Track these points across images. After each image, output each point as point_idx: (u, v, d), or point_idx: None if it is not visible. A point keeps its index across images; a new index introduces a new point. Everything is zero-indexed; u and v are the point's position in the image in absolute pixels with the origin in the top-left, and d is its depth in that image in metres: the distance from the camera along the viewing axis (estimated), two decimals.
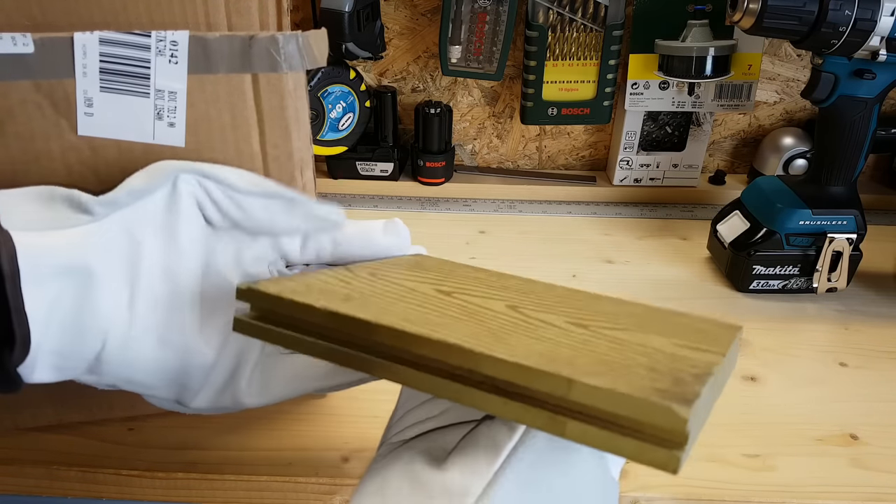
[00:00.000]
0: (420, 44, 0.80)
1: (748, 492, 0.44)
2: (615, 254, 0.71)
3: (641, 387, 0.22)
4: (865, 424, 0.49)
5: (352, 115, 0.76)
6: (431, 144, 0.80)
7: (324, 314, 0.28)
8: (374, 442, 0.47)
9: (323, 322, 0.28)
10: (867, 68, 0.56)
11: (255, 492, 0.44)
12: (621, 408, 0.22)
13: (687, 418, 0.21)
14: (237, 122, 0.38)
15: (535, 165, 0.88)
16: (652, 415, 0.21)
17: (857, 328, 0.60)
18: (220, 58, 0.36)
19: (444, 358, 0.25)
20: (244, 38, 0.36)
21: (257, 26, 0.39)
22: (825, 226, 0.61)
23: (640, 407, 0.22)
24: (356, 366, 0.28)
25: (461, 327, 0.27)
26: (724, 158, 0.87)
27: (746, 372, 0.54)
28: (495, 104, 0.84)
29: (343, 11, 0.67)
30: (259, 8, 0.38)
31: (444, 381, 0.25)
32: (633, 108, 0.79)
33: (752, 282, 0.64)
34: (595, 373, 0.23)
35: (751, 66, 0.76)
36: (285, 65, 0.37)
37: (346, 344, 0.28)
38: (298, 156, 0.40)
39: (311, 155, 0.41)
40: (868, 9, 0.53)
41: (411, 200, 0.81)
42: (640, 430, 0.22)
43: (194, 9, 0.38)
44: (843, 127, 0.59)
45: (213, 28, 0.38)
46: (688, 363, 0.26)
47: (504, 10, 0.73)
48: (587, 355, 0.25)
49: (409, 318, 0.27)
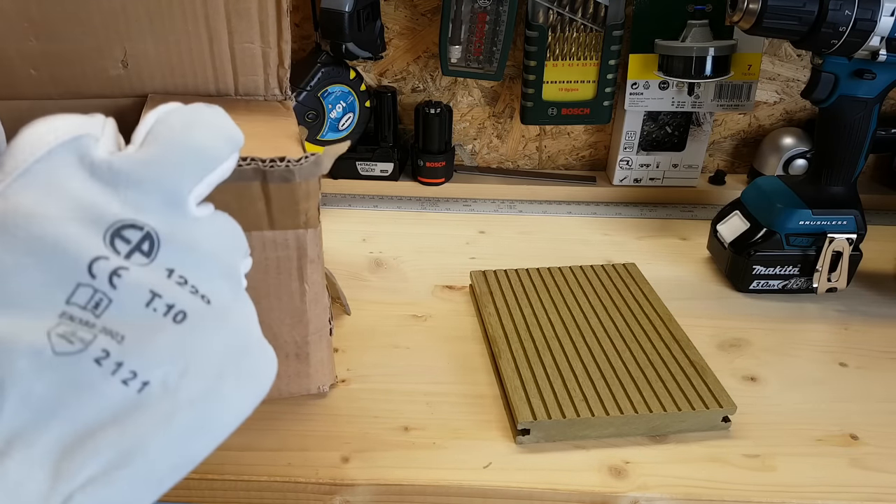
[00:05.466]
0: (420, 44, 0.80)
1: (748, 492, 0.44)
2: (615, 254, 0.71)
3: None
4: (865, 424, 0.49)
5: (352, 115, 0.76)
6: (431, 144, 0.80)
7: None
8: (375, 442, 0.47)
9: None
10: (867, 68, 0.56)
11: (255, 492, 0.44)
12: None
13: None
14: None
15: (535, 165, 0.88)
16: None
17: (857, 328, 0.60)
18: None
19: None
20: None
21: (257, 28, 0.39)
22: (825, 226, 0.61)
23: None
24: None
25: None
26: (724, 158, 0.87)
27: (746, 372, 0.54)
28: (495, 104, 0.84)
29: (343, 11, 0.67)
30: (259, 9, 0.38)
31: None
32: (632, 108, 0.79)
33: (752, 282, 0.64)
34: None
35: (751, 66, 0.76)
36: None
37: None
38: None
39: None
40: (868, 9, 0.53)
41: (411, 200, 0.81)
42: None
43: (194, 10, 0.38)
44: (843, 127, 0.59)
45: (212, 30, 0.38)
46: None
47: (504, 10, 0.73)
48: None
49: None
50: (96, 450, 0.22)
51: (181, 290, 0.25)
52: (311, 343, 0.47)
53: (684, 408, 0.47)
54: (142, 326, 0.24)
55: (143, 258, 0.24)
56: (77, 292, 0.23)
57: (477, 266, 0.66)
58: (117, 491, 0.23)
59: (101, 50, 0.39)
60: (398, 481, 0.44)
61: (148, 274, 0.24)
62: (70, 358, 0.22)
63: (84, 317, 0.23)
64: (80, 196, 0.24)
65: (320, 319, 0.47)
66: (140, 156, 0.25)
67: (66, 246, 0.23)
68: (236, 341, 0.26)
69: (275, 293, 0.44)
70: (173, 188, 0.25)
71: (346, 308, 0.60)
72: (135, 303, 0.24)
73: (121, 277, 0.23)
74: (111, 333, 0.23)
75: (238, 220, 0.29)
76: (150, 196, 0.25)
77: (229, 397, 0.26)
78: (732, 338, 0.59)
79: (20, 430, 0.21)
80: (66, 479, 0.22)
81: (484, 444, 0.47)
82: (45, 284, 0.23)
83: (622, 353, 0.53)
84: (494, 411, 0.50)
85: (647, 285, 0.62)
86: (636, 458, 0.46)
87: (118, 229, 0.24)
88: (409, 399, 0.50)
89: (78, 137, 0.25)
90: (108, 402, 0.23)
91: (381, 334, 0.58)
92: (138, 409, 0.23)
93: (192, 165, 0.26)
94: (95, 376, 0.23)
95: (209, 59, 0.40)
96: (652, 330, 0.55)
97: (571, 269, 0.64)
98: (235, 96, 0.41)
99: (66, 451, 0.22)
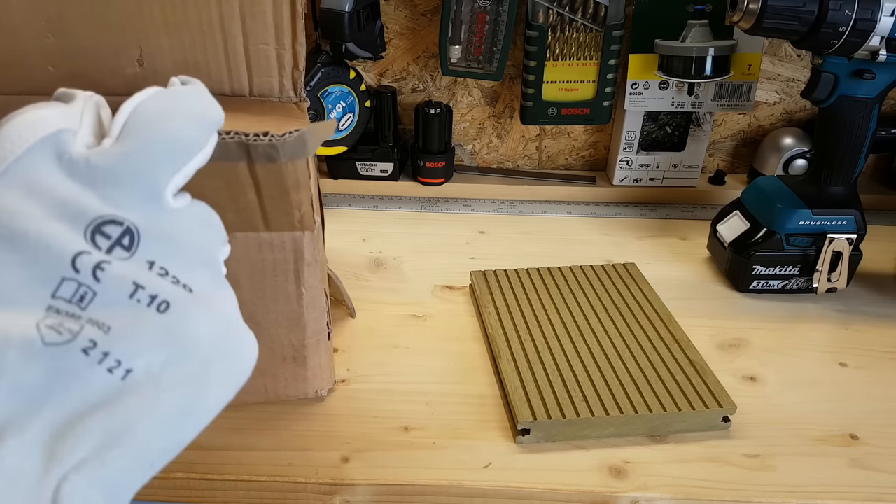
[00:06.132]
0: (420, 44, 0.80)
1: (748, 492, 0.44)
2: (615, 254, 0.71)
3: None
4: (865, 424, 0.49)
5: (352, 115, 0.76)
6: (431, 144, 0.80)
7: None
8: (374, 442, 0.47)
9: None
10: (867, 68, 0.56)
11: (255, 492, 0.44)
12: None
13: None
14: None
15: (535, 165, 0.88)
16: None
17: (857, 328, 0.60)
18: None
19: None
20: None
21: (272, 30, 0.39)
22: (825, 226, 0.61)
23: None
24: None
25: None
26: (724, 158, 0.87)
27: (746, 372, 0.54)
28: (495, 104, 0.84)
29: (343, 11, 0.67)
30: (273, 12, 0.38)
31: None
32: (632, 108, 0.79)
33: (752, 282, 0.64)
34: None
35: (751, 66, 0.76)
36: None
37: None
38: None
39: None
40: (868, 9, 0.53)
41: (411, 200, 0.81)
42: None
43: (209, 12, 0.38)
44: (843, 127, 0.59)
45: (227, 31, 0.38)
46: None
47: (504, 10, 0.73)
48: None
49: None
50: (86, 432, 0.23)
51: (163, 281, 0.25)
52: (308, 347, 0.47)
53: (684, 408, 0.47)
54: (126, 317, 0.24)
55: (124, 252, 0.25)
56: (62, 286, 0.24)
57: (477, 266, 0.66)
58: (110, 471, 0.23)
59: (117, 48, 0.39)
60: (398, 481, 0.44)
61: (129, 267, 0.25)
62: (59, 348, 0.23)
63: (70, 310, 0.23)
64: (60, 194, 0.24)
65: (318, 323, 0.47)
66: (116, 151, 0.26)
67: (49, 242, 0.24)
68: (218, 327, 0.27)
69: (271, 296, 0.44)
70: (150, 182, 0.26)
71: (352, 311, 0.60)
72: (119, 295, 0.24)
73: (104, 271, 0.24)
74: (97, 324, 0.24)
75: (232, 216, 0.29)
76: (128, 191, 0.25)
77: (212, 381, 0.26)
78: (732, 338, 0.59)
79: (12, 418, 0.22)
80: (59, 462, 0.22)
81: (484, 444, 0.47)
82: (30, 280, 0.23)
83: (622, 353, 0.53)
84: (494, 411, 0.50)
85: (647, 285, 0.62)
86: (636, 458, 0.46)
87: (98, 225, 0.25)
88: (409, 399, 0.50)
89: (56, 133, 0.25)
90: (95, 390, 0.23)
91: (381, 334, 0.58)
92: (123, 395, 0.24)
93: (168, 158, 0.27)
94: (83, 365, 0.23)
95: (224, 60, 0.40)
96: (652, 330, 0.55)
97: (571, 269, 0.64)
98: (250, 97, 0.41)
99: (58, 435, 0.23)
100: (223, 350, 0.27)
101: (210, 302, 0.27)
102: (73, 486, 0.22)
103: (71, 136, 0.25)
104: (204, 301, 0.26)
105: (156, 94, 0.27)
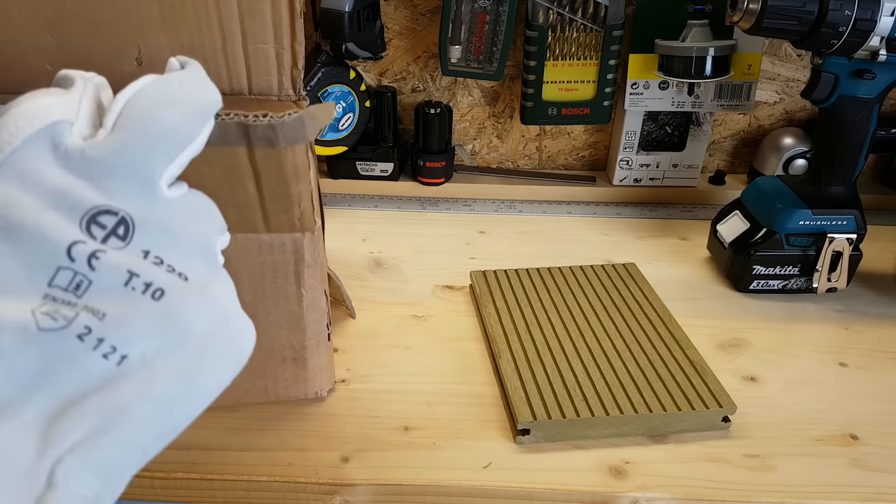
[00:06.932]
0: (420, 44, 0.80)
1: (748, 492, 0.44)
2: (615, 254, 0.71)
3: None
4: (865, 424, 0.49)
5: (352, 115, 0.76)
6: (431, 144, 0.80)
7: None
8: (374, 442, 0.47)
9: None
10: (867, 68, 0.56)
11: (255, 492, 0.44)
12: None
13: None
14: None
15: (535, 165, 0.88)
16: None
17: (857, 328, 0.60)
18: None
19: None
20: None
21: (270, 29, 0.39)
22: (825, 226, 0.61)
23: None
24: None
25: None
26: (724, 158, 0.87)
27: (746, 372, 0.54)
28: (495, 104, 0.84)
29: (343, 11, 0.67)
30: (272, 11, 0.38)
31: None
32: (632, 108, 0.79)
33: (752, 282, 0.64)
34: None
35: (751, 66, 0.76)
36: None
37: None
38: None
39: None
40: (868, 9, 0.53)
41: (411, 200, 0.81)
42: None
43: (206, 10, 0.38)
44: (843, 127, 0.59)
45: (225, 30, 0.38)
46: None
47: (504, 10, 0.73)
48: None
49: None
50: (81, 416, 0.23)
51: (158, 269, 0.26)
52: (308, 348, 0.47)
53: (684, 408, 0.47)
54: (121, 304, 0.24)
55: (119, 242, 0.25)
56: (58, 275, 0.24)
57: (477, 266, 0.66)
58: (105, 454, 0.23)
59: (115, 47, 0.39)
60: (398, 481, 0.44)
61: (124, 256, 0.25)
62: (54, 334, 0.23)
63: (66, 297, 0.24)
64: (56, 185, 0.25)
65: (318, 324, 0.47)
66: (110, 143, 0.26)
67: (45, 232, 0.24)
68: (214, 315, 0.27)
69: (271, 297, 0.44)
70: (145, 173, 0.26)
71: (352, 312, 0.60)
72: (114, 283, 0.24)
73: (99, 260, 0.24)
74: (93, 311, 0.24)
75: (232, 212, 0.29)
76: (123, 182, 0.26)
77: (207, 368, 0.26)
78: (732, 338, 0.59)
79: (7, 401, 0.22)
80: (54, 444, 0.23)
81: (484, 444, 0.47)
82: (26, 269, 0.24)
83: (622, 353, 0.53)
84: (494, 411, 0.50)
85: (647, 285, 0.62)
86: (636, 458, 0.46)
87: (93, 215, 0.25)
88: (409, 399, 0.50)
89: (52, 125, 0.25)
90: (90, 375, 0.24)
91: (381, 334, 0.58)
92: (118, 380, 0.24)
93: (163, 148, 0.27)
94: (78, 351, 0.23)
95: (222, 59, 0.40)
96: (652, 330, 0.56)
97: (571, 269, 0.64)
98: (249, 96, 0.41)
99: (53, 419, 0.23)
100: (218, 337, 0.27)
101: (205, 290, 0.27)
102: (67, 468, 0.23)
103: (67, 127, 0.26)
104: (199, 289, 0.27)
105: (150, 83, 0.27)
